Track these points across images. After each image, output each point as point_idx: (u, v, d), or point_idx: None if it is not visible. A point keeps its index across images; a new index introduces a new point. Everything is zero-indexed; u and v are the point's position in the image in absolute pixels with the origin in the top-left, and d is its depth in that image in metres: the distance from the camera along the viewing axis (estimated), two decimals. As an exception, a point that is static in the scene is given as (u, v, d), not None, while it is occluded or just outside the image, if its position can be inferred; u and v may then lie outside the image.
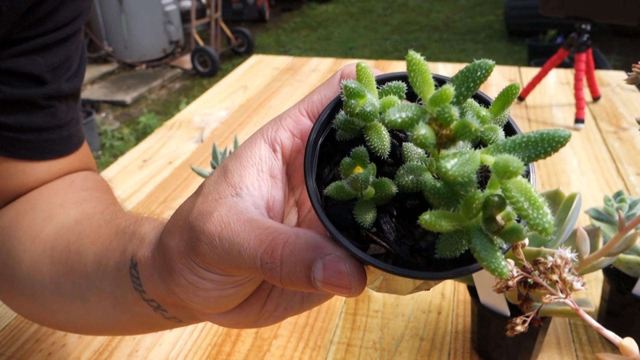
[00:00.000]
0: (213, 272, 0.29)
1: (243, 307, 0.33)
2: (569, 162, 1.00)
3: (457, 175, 0.19)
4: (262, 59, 1.63)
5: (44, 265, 0.43)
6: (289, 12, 6.31)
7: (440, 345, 0.60)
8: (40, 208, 0.47)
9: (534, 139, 0.20)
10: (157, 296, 0.34)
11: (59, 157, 0.50)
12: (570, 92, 1.28)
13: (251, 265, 0.27)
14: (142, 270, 0.34)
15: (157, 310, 0.36)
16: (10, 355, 0.61)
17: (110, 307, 0.39)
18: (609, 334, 0.29)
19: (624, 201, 0.55)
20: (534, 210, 0.19)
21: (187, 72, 4.49)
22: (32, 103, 0.46)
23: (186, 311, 0.35)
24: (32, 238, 0.44)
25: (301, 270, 0.26)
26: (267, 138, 0.30)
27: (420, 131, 0.20)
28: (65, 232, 0.43)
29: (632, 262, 0.54)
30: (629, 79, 0.38)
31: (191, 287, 0.30)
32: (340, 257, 0.25)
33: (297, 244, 0.26)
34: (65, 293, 0.41)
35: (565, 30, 3.97)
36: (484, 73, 0.21)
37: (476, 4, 5.99)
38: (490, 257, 0.21)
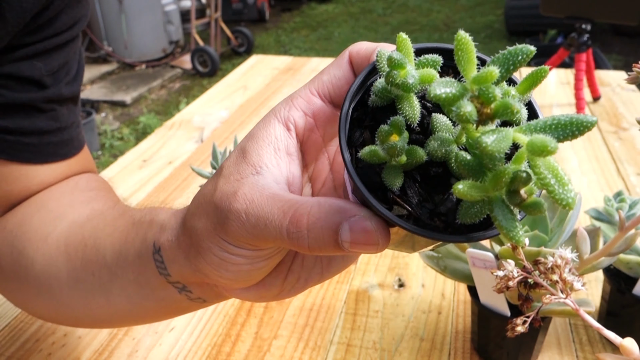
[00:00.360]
0: (243, 247, 0.30)
1: (266, 281, 0.34)
2: (569, 162, 1.00)
3: (494, 150, 0.20)
4: (262, 59, 1.63)
5: (59, 262, 0.43)
6: (289, 12, 6.31)
7: (440, 346, 0.60)
8: (48, 208, 0.47)
9: (564, 122, 0.21)
10: (182, 277, 0.35)
11: (61, 160, 0.50)
12: (571, 92, 1.28)
13: (278, 237, 0.28)
14: (165, 255, 0.35)
15: (182, 291, 0.37)
16: (10, 355, 0.61)
17: (134, 293, 0.40)
18: (610, 334, 0.29)
19: (624, 201, 0.55)
20: (560, 186, 0.20)
21: (187, 72, 4.49)
22: (33, 107, 0.47)
23: (211, 290, 0.36)
24: (43, 237, 0.45)
25: (328, 235, 0.27)
26: (280, 118, 0.31)
27: (466, 108, 0.21)
28: (78, 228, 0.44)
29: (632, 262, 0.54)
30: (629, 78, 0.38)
31: (223, 263, 0.31)
32: (365, 216, 0.27)
33: (321, 211, 0.27)
34: (85, 287, 0.42)
35: (566, 30, 3.97)
36: (524, 57, 0.23)
37: (476, 4, 5.99)
38: (510, 225, 0.22)
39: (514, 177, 0.22)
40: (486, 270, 0.49)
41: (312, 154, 0.33)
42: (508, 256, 0.48)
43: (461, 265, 0.56)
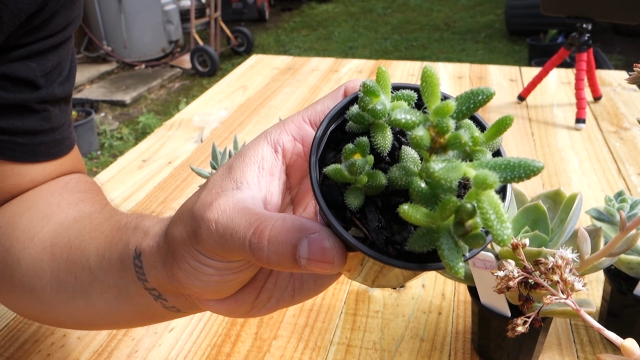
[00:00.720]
0: (213, 258, 0.31)
1: (238, 297, 0.35)
2: (570, 162, 0.99)
3: (441, 177, 0.22)
4: (262, 59, 1.63)
5: (44, 262, 0.44)
6: (289, 11, 6.31)
7: (440, 346, 0.60)
8: (37, 208, 0.48)
9: (513, 164, 0.23)
10: (159, 284, 0.36)
11: (52, 160, 0.51)
12: (571, 92, 1.28)
13: (241, 247, 0.29)
14: (145, 260, 0.36)
15: (158, 299, 0.38)
16: (10, 355, 0.61)
17: (113, 298, 0.40)
18: (610, 334, 0.29)
19: (625, 201, 0.55)
20: (499, 223, 0.22)
21: (186, 71, 4.49)
22: (27, 107, 0.48)
23: (185, 300, 0.37)
24: (30, 237, 0.46)
25: (287, 249, 0.28)
26: (270, 140, 0.33)
27: (418, 132, 0.23)
28: (64, 230, 0.45)
29: (633, 262, 0.54)
30: (630, 78, 0.38)
31: (194, 272, 0.32)
32: (324, 234, 0.28)
33: (284, 226, 0.28)
34: (66, 288, 0.43)
35: (566, 30, 3.97)
36: (485, 98, 0.24)
37: (476, 4, 5.99)
38: (451, 256, 0.24)
39: (459, 208, 0.23)
40: (487, 270, 0.49)
41: (297, 177, 0.34)
42: (509, 256, 0.48)
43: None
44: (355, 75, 1.45)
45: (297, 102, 1.31)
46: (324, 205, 0.26)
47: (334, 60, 1.58)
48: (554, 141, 1.08)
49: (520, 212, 0.54)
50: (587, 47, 1.19)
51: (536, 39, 4.15)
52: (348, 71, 1.48)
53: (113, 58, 4.51)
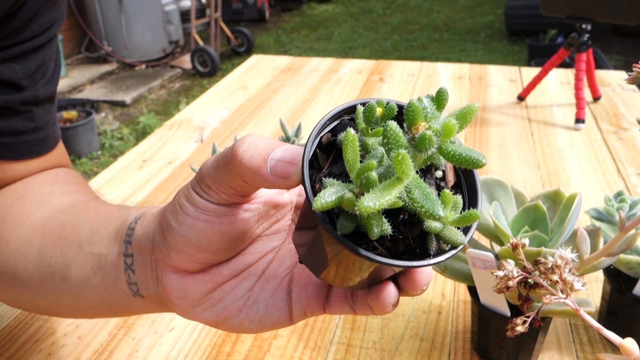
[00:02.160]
0: (207, 199, 0.33)
1: (197, 277, 0.36)
2: (570, 162, 1.00)
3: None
4: (262, 59, 1.63)
5: (33, 242, 0.45)
6: (289, 12, 6.31)
7: (440, 346, 0.60)
8: (29, 196, 0.49)
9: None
10: (140, 251, 0.38)
11: (36, 157, 0.52)
12: (571, 92, 1.28)
13: (224, 161, 0.32)
14: (140, 223, 0.38)
15: (127, 270, 0.39)
16: (10, 355, 0.61)
17: (90, 270, 0.41)
18: (610, 334, 0.29)
19: (625, 201, 0.55)
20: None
21: (186, 72, 4.49)
22: (10, 108, 0.48)
23: (149, 276, 0.38)
24: (22, 221, 0.47)
25: (264, 150, 0.31)
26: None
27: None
28: (59, 213, 0.46)
29: (632, 262, 0.54)
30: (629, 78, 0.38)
31: (182, 215, 0.34)
32: (298, 152, 0.30)
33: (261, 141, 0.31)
34: (49, 263, 0.43)
35: (566, 30, 3.97)
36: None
37: (476, 4, 5.99)
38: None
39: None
40: (486, 270, 0.49)
41: None
42: (508, 256, 0.48)
43: (461, 265, 0.56)
44: (355, 76, 1.45)
45: (297, 102, 1.31)
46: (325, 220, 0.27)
47: (334, 61, 1.58)
48: (554, 141, 1.08)
49: (519, 212, 0.54)
50: (587, 48, 1.19)
51: (536, 39, 4.15)
52: (348, 71, 1.48)
53: (113, 58, 4.51)
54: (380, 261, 0.27)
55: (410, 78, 1.43)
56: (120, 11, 4.32)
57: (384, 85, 1.39)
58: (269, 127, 1.18)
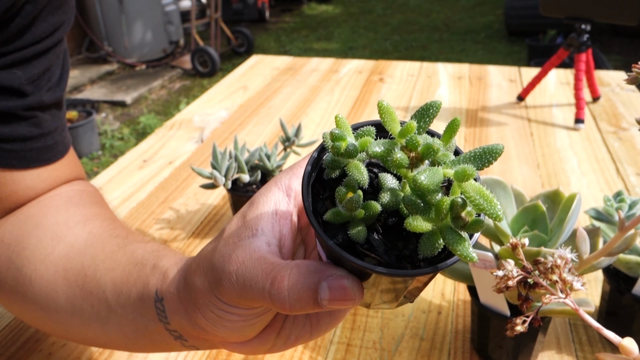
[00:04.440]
0: (236, 306, 0.33)
1: (261, 337, 0.37)
2: (569, 162, 1.00)
3: (429, 184, 0.25)
4: (262, 59, 1.63)
5: (58, 286, 0.45)
6: (289, 12, 6.31)
7: (440, 345, 0.60)
8: (44, 227, 0.48)
9: (479, 153, 0.27)
10: (181, 328, 0.37)
11: (45, 165, 0.51)
12: (570, 92, 1.28)
13: (261, 297, 0.30)
14: (168, 305, 0.38)
15: (178, 339, 0.39)
16: (11, 355, 0.61)
17: (131, 331, 0.41)
18: (609, 334, 0.29)
19: (624, 201, 0.55)
20: (488, 204, 0.25)
21: (187, 72, 4.49)
22: (14, 115, 0.47)
23: (206, 341, 0.38)
24: (41, 259, 0.46)
25: (307, 294, 0.30)
26: (281, 185, 0.34)
27: (397, 155, 0.26)
28: (76, 254, 0.45)
29: (632, 262, 0.54)
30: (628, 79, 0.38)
31: (219, 320, 0.34)
32: (341, 275, 0.30)
33: (300, 273, 0.30)
34: (82, 315, 0.44)
35: (565, 31, 3.97)
36: (435, 110, 0.28)
37: (476, 4, 5.99)
38: (460, 246, 0.26)
39: (452, 204, 0.26)
40: (486, 270, 0.50)
41: (306, 219, 0.36)
42: (508, 256, 0.48)
43: (461, 265, 0.56)
44: (355, 76, 1.45)
45: (297, 102, 1.31)
46: (338, 248, 0.28)
47: (334, 61, 1.58)
48: (553, 141, 1.08)
49: (519, 212, 0.54)
50: (586, 48, 1.19)
51: (535, 40, 4.15)
52: (348, 71, 1.48)
53: (114, 58, 4.51)
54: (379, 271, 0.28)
55: (410, 78, 1.43)
56: (121, 11, 4.32)
57: (383, 86, 1.39)
58: (269, 127, 1.18)
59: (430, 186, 0.25)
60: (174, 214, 0.87)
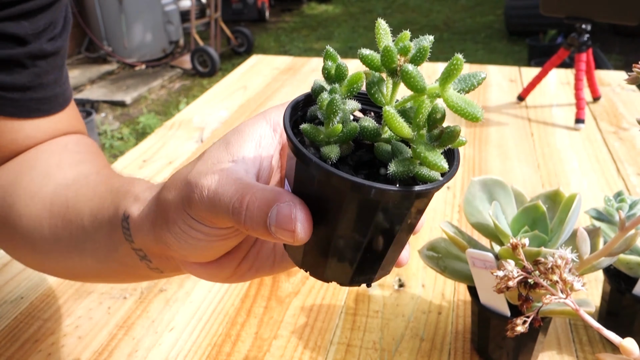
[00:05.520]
0: (202, 222, 0.33)
1: (221, 262, 0.37)
2: (570, 162, 1.00)
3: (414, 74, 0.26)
4: (262, 59, 1.63)
5: (43, 219, 0.47)
6: (289, 12, 6.31)
7: (440, 346, 0.60)
8: (38, 168, 0.50)
9: (463, 76, 0.27)
10: (145, 246, 0.38)
11: (45, 116, 0.52)
12: (571, 92, 1.28)
13: (226, 212, 0.31)
14: (132, 223, 0.39)
15: (143, 260, 0.40)
16: (10, 355, 0.61)
17: (103, 255, 0.43)
18: (609, 334, 0.29)
19: (624, 201, 0.55)
20: (468, 105, 0.26)
21: (187, 72, 4.49)
22: (16, 62, 0.49)
23: (169, 262, 0.39)
24: (31, 195, 0.48)
25: (259, 215, 0.30)
26: (269, 120, 0.34)
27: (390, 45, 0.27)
28: (63, 190, 0.47)
29: (632, 262, 0.54)
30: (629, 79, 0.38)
31: (183, 235, 0.34)
32: (292, 204, 0.29)
33: (263, 194, 0.30)
34: (62, 244, 0.46)
35: (566, 30, 3.97)
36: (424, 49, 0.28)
37: (476, 4, 5.99)
38: (431, 155, 0.26)
39: (432, 110, 0.27)
40: (486, 270, 0.49)
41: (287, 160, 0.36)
42: (508, 256, 0.48)
43: (461, 266, 0.56)
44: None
45: (297, 102, 1.31)
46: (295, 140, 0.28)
47: (334, 61, 1.58)
48: (554, 141, 1.08)
49: (519, 212, 0.54)
50: (587, 48, 1.19)
51: (535, 39, 4.15)
52: (348, 71, 1.48)
53: (113, 58, 4.51)
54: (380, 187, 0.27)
55: (410, 78, 1.43)
56: (120, 11, 4.32)
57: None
58: (269, 127, 1.18)
59: (415, 76, 0.25)
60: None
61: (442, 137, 0.27)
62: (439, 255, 0.57)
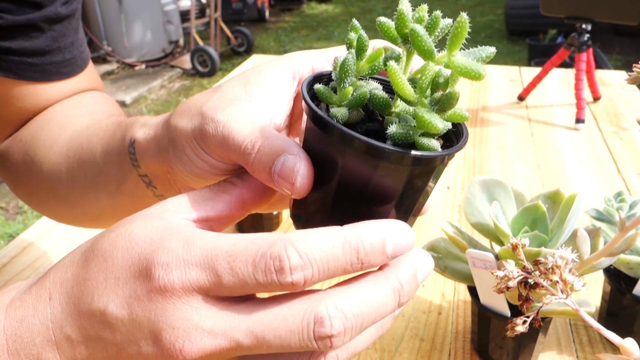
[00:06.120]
0: (211, 155, 0.33)
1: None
2: (570, 162, 1.00)
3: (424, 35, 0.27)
4: (262, 59, 1.63)
5: (61, 165, 0.49)
6: (289, 12, 6.31)
7: (440, 346, 0.60)
8: (55, 121, 0.53)
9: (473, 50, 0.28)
10: (150, 170, 0.40)
11: (65, 79, 0.55)
12: (571, 92, 1.28)
13: (236, 150, 0.31)
14: (138, 147, 0.40)
15: (149, 187, 0.41)
16: (10, 355, 0.61)
17: (114, 189, 0.44)
18: (610, 334, 0.29)
19: (625, 201, 0.55)
20: (471, 66, 0.26)
21: (186, 71, 4.49)
22: (33, 27, 0.51)
23: (172, 188, 0.40)
24: (49, 146, 0.51)
25: (267, 162, 0.30)
26: (290, 66, 0.34)
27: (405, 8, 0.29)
28: (78, 135, 0.50)
29: (632, 262, 0.54)
30: (629, 79, 0.38)
31: (189, 163, 0.34)
32: (298, 158, 0.30)
33: (274, 141, 0.30)
34: (79, 184, 0.48)
35: (566, 30, 3.97)
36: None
37: (476, 4, 6.00)
38: (430, 116, 0.26)
39: (436, 74, 0.27)
40: (486, 270, 0.49)
41: (301, 109, 0.36)
42: (508, 256, 0.48)
43: (461, 266, 0.56)
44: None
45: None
46: (313, 105, 0.28)
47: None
48: (554, 141, 1.08)
49: (520, 212, 0.54)
50: (587, 47, 1.19)
51: (536, 39, 4.15)
52: (348, 71, 1.48)
53: (113, 58, 4.51)
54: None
55: (410, 78, 1.43)
56: (120, 11, 4.32)
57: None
58: (269, 127, 1.18)
59: (423, 34, 0.26)
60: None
61: (441, 101, 0.27)
62: (439, 255, 0.57)
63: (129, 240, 0.28)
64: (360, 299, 0.26)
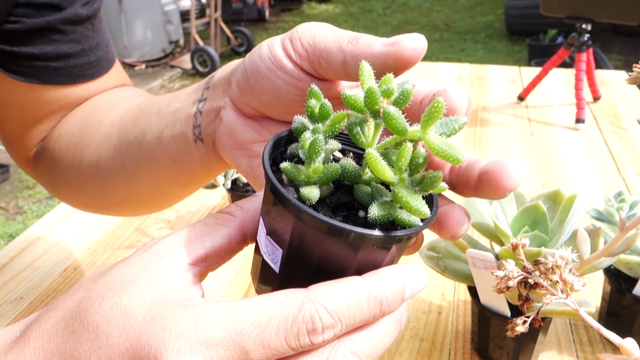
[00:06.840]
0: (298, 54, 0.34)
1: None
2: (570, 162, 1.00)
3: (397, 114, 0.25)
4: (262, 59, 1.63)
5: (112, 135, 0.48)
6: (289, 12, 6.31)
7: (440, 346, 0.60)
8: (101, 105, 0.53)
9: (445, 120, 0.27)
10: (210, 111, 0.39)
11: (90, 80, 0.55)
12: (571, 92, 1.28)
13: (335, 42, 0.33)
14: (213, 84, 0.39)
15: (197, 140, 0.40)
16: (10, 355, 0.61)
17: (164, 127, 0.43)
18: (610, 334, 0.29)
19: (625, 201, 0.55)
20: (449, 148, 0.25)
21: (186, 71, 4.49)
22: (53, 29, 0.50)
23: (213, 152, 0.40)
24: (99, 124, 0.50)
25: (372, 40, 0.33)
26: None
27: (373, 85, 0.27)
28: (135, 106, 0.49)
29: (632, 262, 0.54)
30: (629, 79, 0.38)
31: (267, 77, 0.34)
32: None
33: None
34: (131, 158, 0.46)
35: (566, 30, 3.97)
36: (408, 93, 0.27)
37: (476, 4, 5.99)
38: (413, 199, 0.25)
39: (414, 154, 0.26)
40: (486, 270, 0.49)
41: None
42: (508, 256, 0.48)
43: (461, 266, 0.56)
44: (355, 76, 1.45)
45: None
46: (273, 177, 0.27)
47: (334, 61, 1.58)
48: (554, 141, 1.08)
49: (520, 212, 0.54)
50: (587, 48, 1.19)
51: (536, 39, 4.15)
52: (348, 71, 1.48)
53: (113, 58, 4.51)
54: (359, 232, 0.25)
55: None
56: (120, 11, 4.32)
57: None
58: (269, 127, 1.18)
59: (397, 116, 0.25)
60: (173, 214, 0.87)
61: (423, 182, 0.26)
62: (439, 255, 0.57)
63: (125, 316, 0.24)
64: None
